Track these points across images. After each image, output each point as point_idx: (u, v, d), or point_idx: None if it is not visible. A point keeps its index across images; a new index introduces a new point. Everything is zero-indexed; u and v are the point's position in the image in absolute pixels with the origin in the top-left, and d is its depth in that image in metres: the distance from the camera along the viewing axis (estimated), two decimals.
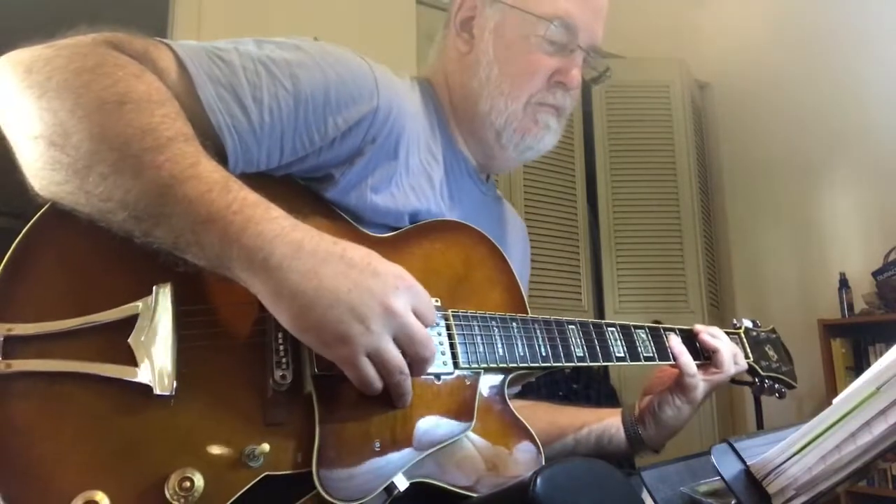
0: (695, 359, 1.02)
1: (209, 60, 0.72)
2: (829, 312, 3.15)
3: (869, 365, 1.27)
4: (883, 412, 0.55)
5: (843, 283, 3.13)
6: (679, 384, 1.01)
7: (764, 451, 0.64)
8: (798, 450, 0.61)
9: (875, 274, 3.02)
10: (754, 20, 3.88)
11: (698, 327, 1.08)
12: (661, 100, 3.69)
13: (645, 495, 0.70)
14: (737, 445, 0.65)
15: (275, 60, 0.76)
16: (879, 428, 0.55)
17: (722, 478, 0.64)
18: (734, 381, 1.13)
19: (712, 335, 1.06)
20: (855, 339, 3.02)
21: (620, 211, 3.52)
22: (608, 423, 1.07)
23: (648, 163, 3.60)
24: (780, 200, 3.64)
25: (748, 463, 0.64)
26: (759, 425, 3.09)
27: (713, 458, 0.64)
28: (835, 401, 0.60)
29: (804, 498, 0.60)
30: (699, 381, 1.01)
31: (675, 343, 1.02)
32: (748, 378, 1.18)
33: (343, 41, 1.06)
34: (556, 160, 3.42)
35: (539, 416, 1.03)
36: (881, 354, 0.67)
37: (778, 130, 3.66)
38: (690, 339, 1.06)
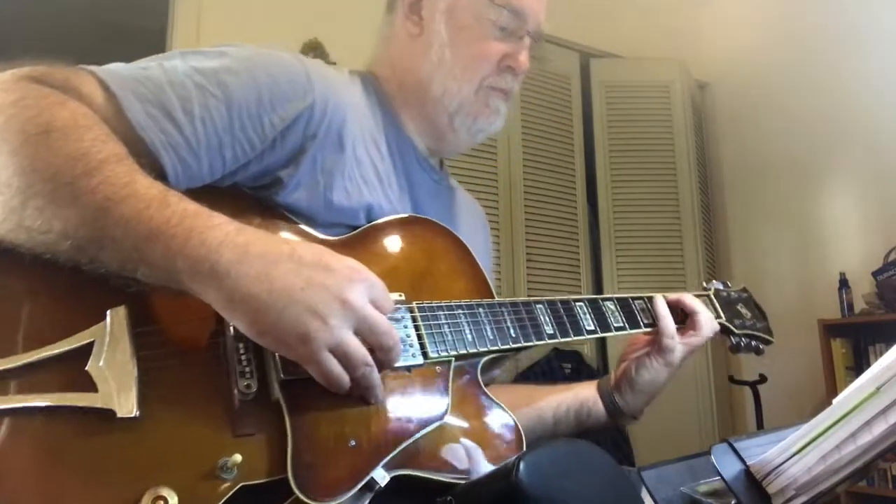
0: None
1: (134, 80, 0.71)
2: (829, 312, 3.15)
3: (869, 365, 1.27)
4: (883, 412, 0.55)
5: (843, 283, 3.13)
6: (658, 346, 1.02)
7: (764, 451, 0.64)
8: (798, 450, 0.61)
9: (875, 274, 3.02)
10: (754, 20, 3.88)
11: (672, 296, 1.09)
12: (661, 100, 3.69)
13: (645, 495, 0.70)
14: (737, 445, 0.65)
15: (201, 70, 0.75)
16: (879, 428, 0.55)
17: (722, 478, 0.64)
18: (734, 381, 1.12)
19: (693, 300, 1.08)
20: (855, 339, 3.02)
21: (620, 211, 3.52)
22: (585, 396, 1.06)
23: (648, 163, 3.60)
24: (780, 200, 3.64)
25: (748, 463, 0.64)
26: (759, 425, 3.09)
27: (713, 458, 0.64)
28: (835, 401, 0.60)
29: (804, 498, 0.60)
30: (677, 344, 1.02)
31: (660, 306, 1.03)
32: (747, 378, 1.18)
33: (343, 41, 1.06)
34: (556, 160, 3.42)
35: (517, 397, 1.02)
36: (881, 354, 0.67)
37: (778, 130, 3.66)
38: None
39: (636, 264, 3.43)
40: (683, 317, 1.07)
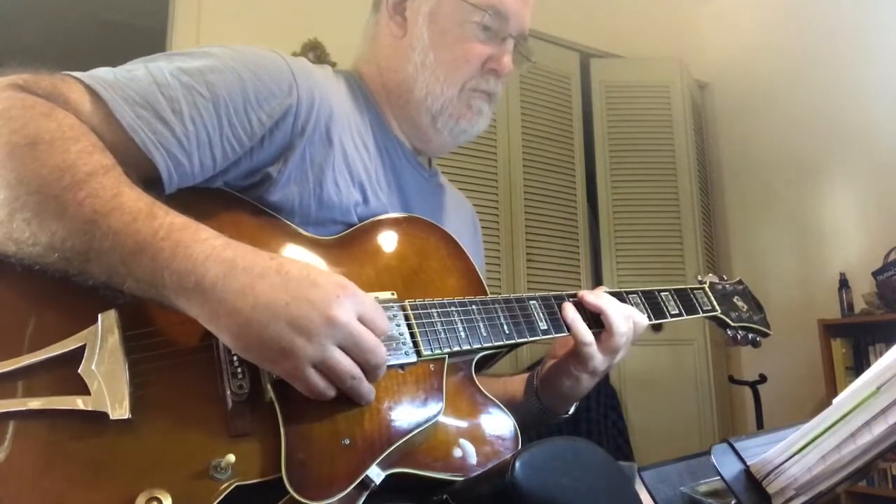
0: (591, 328, 0.94)
1: (121, 83, 0.72)
2: (829, 312, 3.15)
3: (869, 365, 1.27)
4: (883, 412, 0.55)
5: (843, 283, 3.14)
6: (575, 354, 0.94)
7: (764, 451, 0.64)
8: (798, 450, 0.61)
9: (875, 274, 3.02)
10: (754, 20, 3.88)
11: (582, 292, 0.98)
12: (661, 100, 3.69)
13: (645, 495, 0.70)
14: (737, 445, 0.65)
15: (187, 71, 0.75)
16: (879, 428, 0.55)
17: (722, 478, 0.64)
18: (734, 381, 1.11)
19: (595, 296, 0.97)
20: (855, 339, 3.02)
21: (620, 211, 3.52)
22: (514, 391, 1.03)
23: (648, 163, 3.60)
24: (780, 200, 3.64)
25: (748, 463, 0.64)
26: (759, 425, 3.09)
27: (713, 458, 0.64)
28: (835, 401, 0.60)
29: (804, 498, 0.60)
30: (595, 352, 0.92)
31: (569, 311, 0.93)
32: (748, 379, 1.17)
33: (343, 41, 1.06)
34: (556, 160, 3.42)
35: (492, 389, 0.97)
36: (881, 354, 0.67)
37: (778, 130, 3.66)
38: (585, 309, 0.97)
39: (636, 264, 3.43)
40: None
